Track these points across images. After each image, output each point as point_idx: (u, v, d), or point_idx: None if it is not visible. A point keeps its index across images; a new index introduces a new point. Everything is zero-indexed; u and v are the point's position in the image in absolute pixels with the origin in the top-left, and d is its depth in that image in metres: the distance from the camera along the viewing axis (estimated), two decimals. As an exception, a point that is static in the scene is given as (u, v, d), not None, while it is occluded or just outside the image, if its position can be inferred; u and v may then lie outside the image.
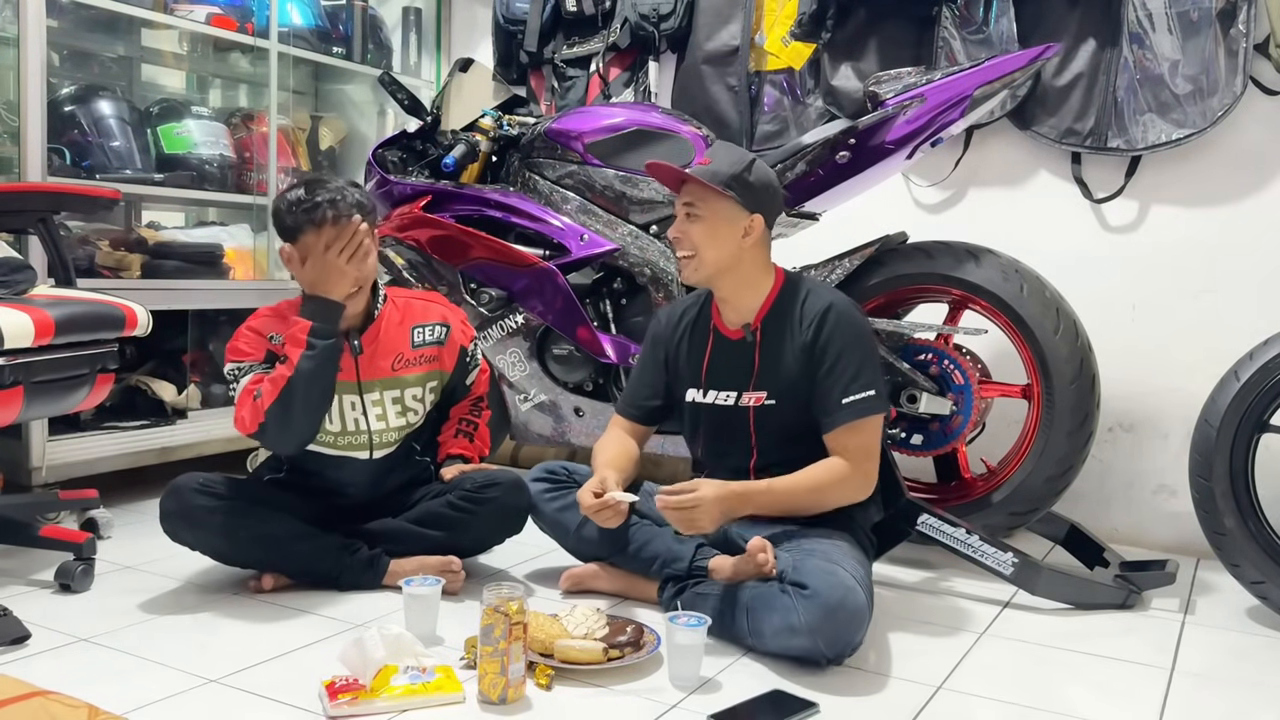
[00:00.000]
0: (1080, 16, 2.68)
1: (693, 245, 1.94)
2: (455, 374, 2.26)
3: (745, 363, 1.99)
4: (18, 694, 1.41)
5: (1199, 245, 2.64)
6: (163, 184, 2.90)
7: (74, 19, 2.87)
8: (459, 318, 2.28)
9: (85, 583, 2.07)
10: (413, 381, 2.17)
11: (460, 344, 2.25)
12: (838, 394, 1.89)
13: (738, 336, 2.00)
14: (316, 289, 2.00)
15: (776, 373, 1.95)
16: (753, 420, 1.98)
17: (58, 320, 1.98)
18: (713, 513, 1.83)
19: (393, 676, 1.58)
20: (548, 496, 2.16)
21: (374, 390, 2.13)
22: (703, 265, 1.95)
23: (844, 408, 1.89)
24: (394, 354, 2.15)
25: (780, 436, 1.97)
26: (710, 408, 2.02)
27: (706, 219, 1.93)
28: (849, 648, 1.74)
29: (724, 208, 1.93)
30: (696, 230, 1.94)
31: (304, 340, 1.96)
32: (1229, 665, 1.90)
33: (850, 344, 1.91)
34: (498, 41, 3.46)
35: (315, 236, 1.98)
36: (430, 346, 2.19)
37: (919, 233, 2.60)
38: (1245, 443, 2.08)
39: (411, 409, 2.18)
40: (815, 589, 1.71)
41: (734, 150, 2.00)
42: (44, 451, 2.52)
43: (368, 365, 2.11)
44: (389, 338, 2.14)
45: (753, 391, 1.97)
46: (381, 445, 2.16)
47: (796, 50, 3.04)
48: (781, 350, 1.96)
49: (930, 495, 2.54)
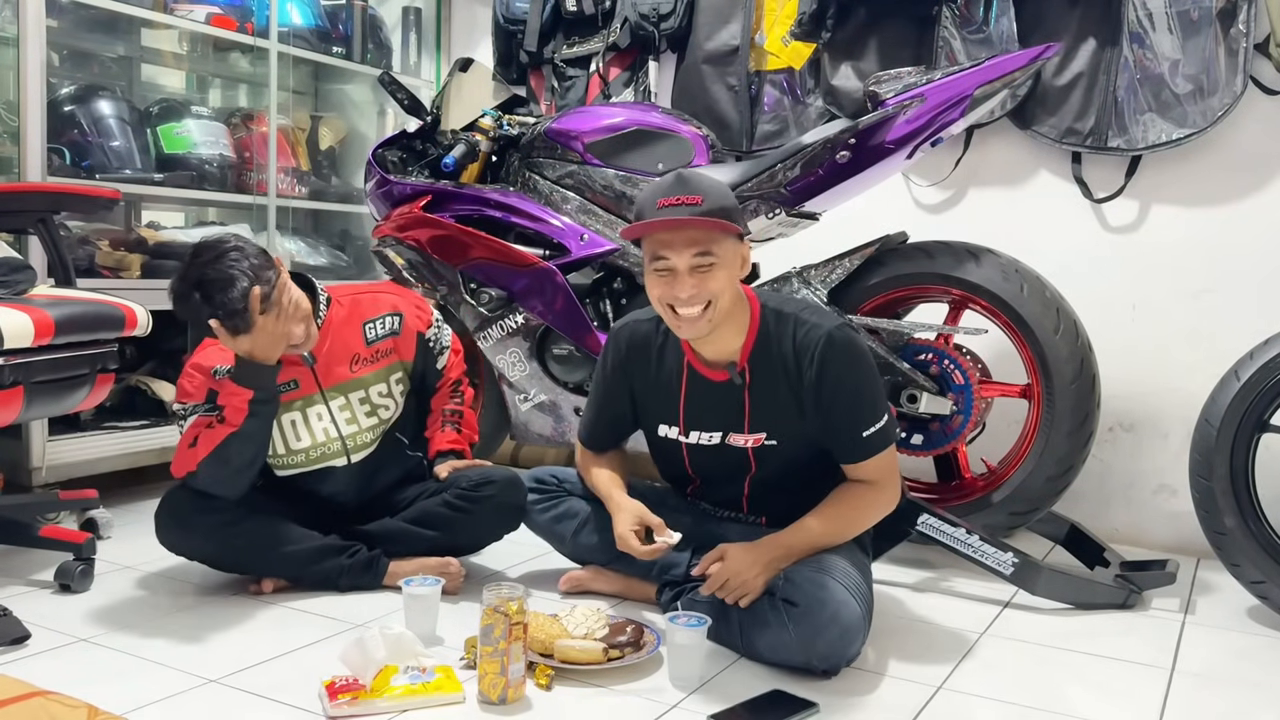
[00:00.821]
0: (1080, 16, 2.68)
1: (710, 295, 1.73)
2: (419, 360, 2.22)
3: (733, 405, 1.86)
4: (17, 694, 1.41)
5: (1199, 245, 2.64)
6: (163, 184, 2.90)
7: (74, 19, 2.87)
8: (411, 303, 2.24)
9: (85, 583, 2.07)
10: (373, 379, 2.14)
11: (416, 329, 2.21)
12: (857, 431, 1.80)
13: (722, 378, 1.85)
14: (254, 357, 1.94)
15: (775, 415, 1.85)
16: (752, 457, 1.91)
17: (58, 320, 1.98)
18: (753, 569, 1.75)
19: (393, 677, 1.58)
20: (540, 507, 2.14)
21: (338, 396, 2.11)
22: (717, 313, 1.75)
23: (864, 442, 1.81)
24: (349, 355, 2.12)
25: (782, 471, 1.91)
26: (695, 446, 1.94)
27: (722, 265, 1.73)
28: (843, 661, 1.73)
29: (733, 245, 1.76)
30: (716, 280, 1.72)
31: (242, 407, 1.93)
32: (1229, 665, 1.90)
33: (858, 377, 1.81)
34: (498, 41, 3.46)
35: (217, 327, 1.91)
36: (385, 340, 2.17)
37: (919, 233, 2.60)
38: (1245, 442, 2.08)
39: (381, 405, 2.16)
40: (806, 607, 1.69)
41: (700, 176, 1.77)
42: (44, 451, 2.52)
43: (325, 373, 2.10)
44: (341, 340, 2.12)
45: (748, 434, 1.88)
46: (358, 448, 2.14)
47: (796, 50, 3.04)
48: (776, 391, 1.83)
49: (930, 495, 2.54)
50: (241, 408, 1.94)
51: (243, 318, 1.88)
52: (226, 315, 1.87)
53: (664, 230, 1.73)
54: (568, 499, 2.13)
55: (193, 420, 2.02)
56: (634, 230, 1.77)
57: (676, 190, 1.72)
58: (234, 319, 1.88)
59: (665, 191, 1.73)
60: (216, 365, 2.04)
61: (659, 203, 1.73)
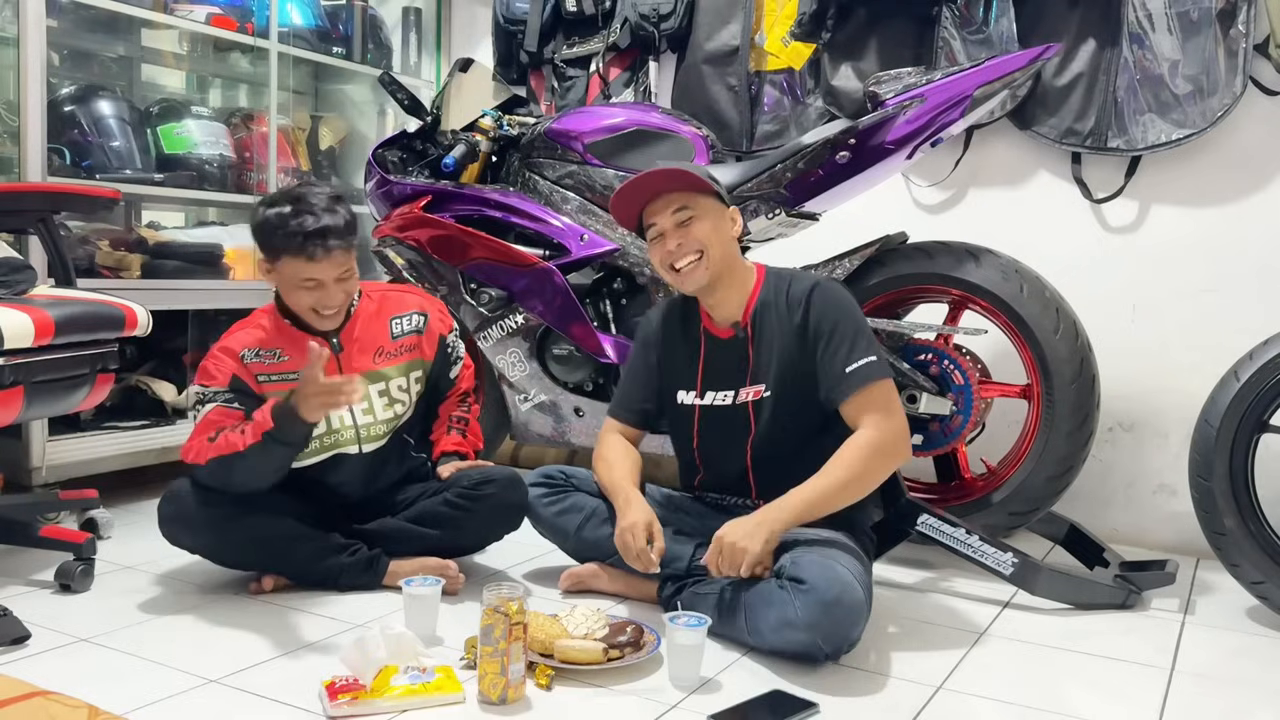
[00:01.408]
0: (1080, 16, 2.68)
1: (699, 243, 1.91)
2: (437, 364, 2.25)
3: (739, 359, 1.98)
4: (18, 694, 1.41)
5: (1199, 245, 2.64)
6: (163, 184, 2.90)
7: (74, 19, 2.87)
8: (437, 307, 2.28)
9: (85, 583, 2.07)
10: (395, 373, 2.16)
11: (439, 332, 2.24)
12: (840, 365, 1.88)
13: (728, 335, 1.99)
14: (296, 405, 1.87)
15: (771, 362, 1.95)
16: (752, 415, 1.97)
17: (58, 320, 1.99)
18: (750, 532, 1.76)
19: (393, 677, 1.58)
20: (545, 501, 2.16)
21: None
22: (711, 262, 1.92)
23: (849, 375, 1.87)
24: (374, 347, 2.14)
25: (778, 435, 1.96)
26: (707, 409, 2.02)
27: (703, 216, 1.93)
28: (846, 643, 1.74)
29: (712, 204, 1.94)
30: (699, 228, 1.92)
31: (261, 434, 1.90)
32: (1229, 665, 1.90)
33: (842, 317, 1.91)
34: (498, 41, 3.47)
35: (297, 267, 1.95)
36: (409, 336, 2.19)
37: (919, 233, 2.60)
38: (1245, 443, 2.08)
39: (398, 400, 2.17)
40: (813, 584, 1.71)
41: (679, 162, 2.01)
42: (44, 451, 2.52)
43: (349, 362, 2.11)
44: (367, 332, 2.14)
45: (750, 386, 1.97)
46: (370, 439, 2.15)
47: (796, 50, 3.04)
48: (773, 339, 1.95)
49: (930, 495, 2.54)
50: (258, 430, 1.90)
51: (347, 236, 1.97)
52: (335, 230, 1.94)
53: (642, 199, 1.95)
54: (575, 494, 2.15)
55: (210, 409, 2.00)
56: (620, 205, 1.97)
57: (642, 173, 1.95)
58: (342, 236, 1.96)
59: (633, 179, 1.95)
60: (245, 349, 2.05)
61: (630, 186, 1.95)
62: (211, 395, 2.02)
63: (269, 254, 2.00)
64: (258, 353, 2.05)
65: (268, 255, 2.00)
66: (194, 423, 2.02)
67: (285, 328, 2.08)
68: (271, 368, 2.06)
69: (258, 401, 2.02)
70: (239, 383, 2.02)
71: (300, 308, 2.03)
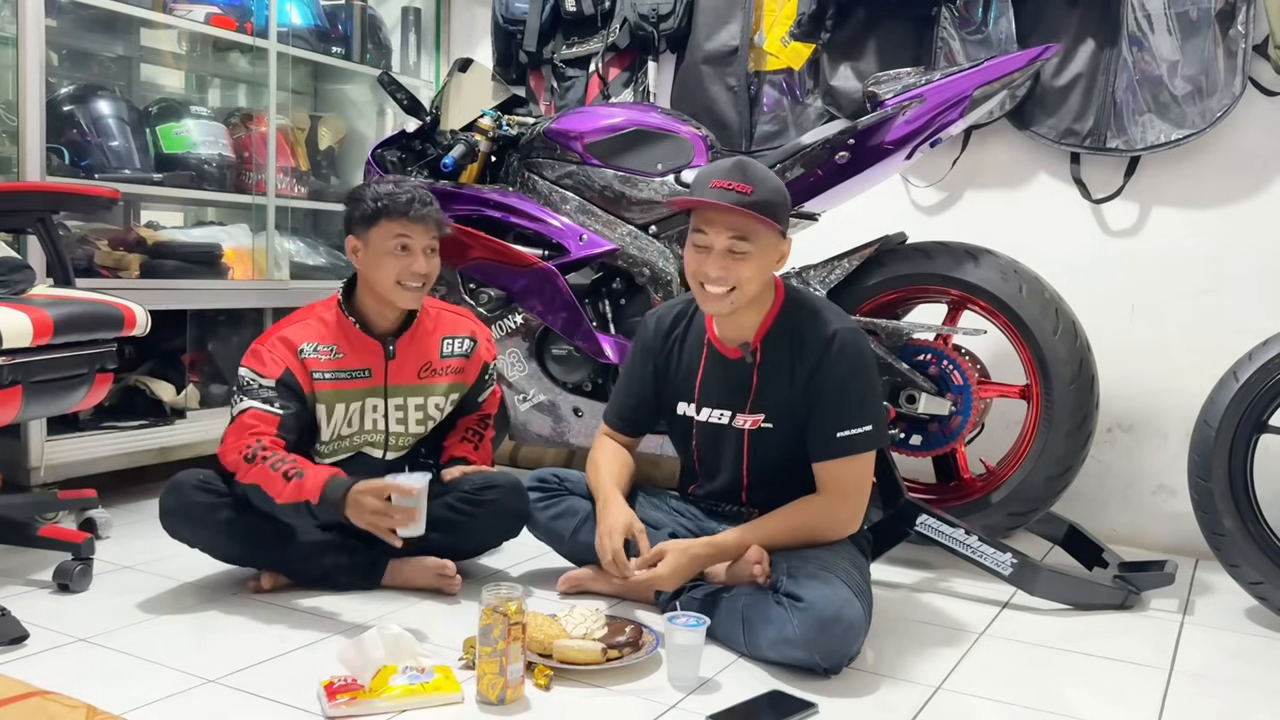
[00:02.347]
0: (1079, 17, 2.68)
1: (739, 280, 1.80)
2: (473, 389, 2.27)
3: (742, 383, 1.93)
4: (16, 694, 1.41)
5: (1198, 246, 2.64)
6: (162, 184, 2.90)
7: (73, 19, 2.86)
8: (485, 335, 2.30)
9: (84, 583, 2.06)
10: (437, 391, 2.19)
11: (484, 359, 2.27)
12: (831, 426, 1.84)
13: (735, 356, 1.93)
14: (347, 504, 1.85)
15: (775, 396, 1.90)
16: (747, 442, 1.95)
17: (56, 320, 1.98)
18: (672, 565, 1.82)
19: (391, 677, 1.57)
20: (540, 505, 2.15)
21: (398, 395, 2.15)
22: (740, 299, 1.83)
23: (836, 442, 1.84)
24: (422, 362, 2.17)
25: (774, 460, 1.94)
26: (703, 424, 1.99)
27: (757, 254, 1.80)
28: (845, 659, 1.73)
29: (772, 239, 1.82)
30: (747, 268, 1.80)
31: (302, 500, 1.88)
32: (1227, 665, 1.91)
33: (851, 376, 1.84)
34: (497, 41, 3.46)
35: (393, 227, 2.02)
36: (457, 359, 2.21)
37: (918, 233, 2.60)
38: (1244, 443, 2.08)
39: (431, 417, 2.20)
40: (810, 601, 1.70)
41: (758, 168, 1.82)
42: (42, 451, 2.52)
43: (397, 370, 2.13)
44: (421, 345, 2.17)
45: (749, 414, 1.93)
46: (395, 448, 2.19)
47: (796, 50, 3.04)
48: (781, 373, 1.89)
49: (929, 496, 2.54)
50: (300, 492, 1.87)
51: (438, 214, 2.07)
52: (430, 201, 2.06)
53: (709, 210, 1.80)
54: (569, 497, 2.14)
55: (248, 409, 1.98)
56: (683, 202, 1.86)
57: (733, 175, 1.79)
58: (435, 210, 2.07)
59: (722, 174, 1.80)
60: (305, 343, 2.05)
61: (713, 183, 1.79)
62: (256, 388, 2.01)
63: (366, 221, 2.04)
64: (316, 347, 2.06)
65: (363, 223, 2.05)
66: (230, 409, 2.02)
67: (347, 325, 2.10)
68: (328, 365, 2.07)
69: (301, 404, 2.03)
70: (290, 377, 2.03)
71: (385, 284, 2.05)
